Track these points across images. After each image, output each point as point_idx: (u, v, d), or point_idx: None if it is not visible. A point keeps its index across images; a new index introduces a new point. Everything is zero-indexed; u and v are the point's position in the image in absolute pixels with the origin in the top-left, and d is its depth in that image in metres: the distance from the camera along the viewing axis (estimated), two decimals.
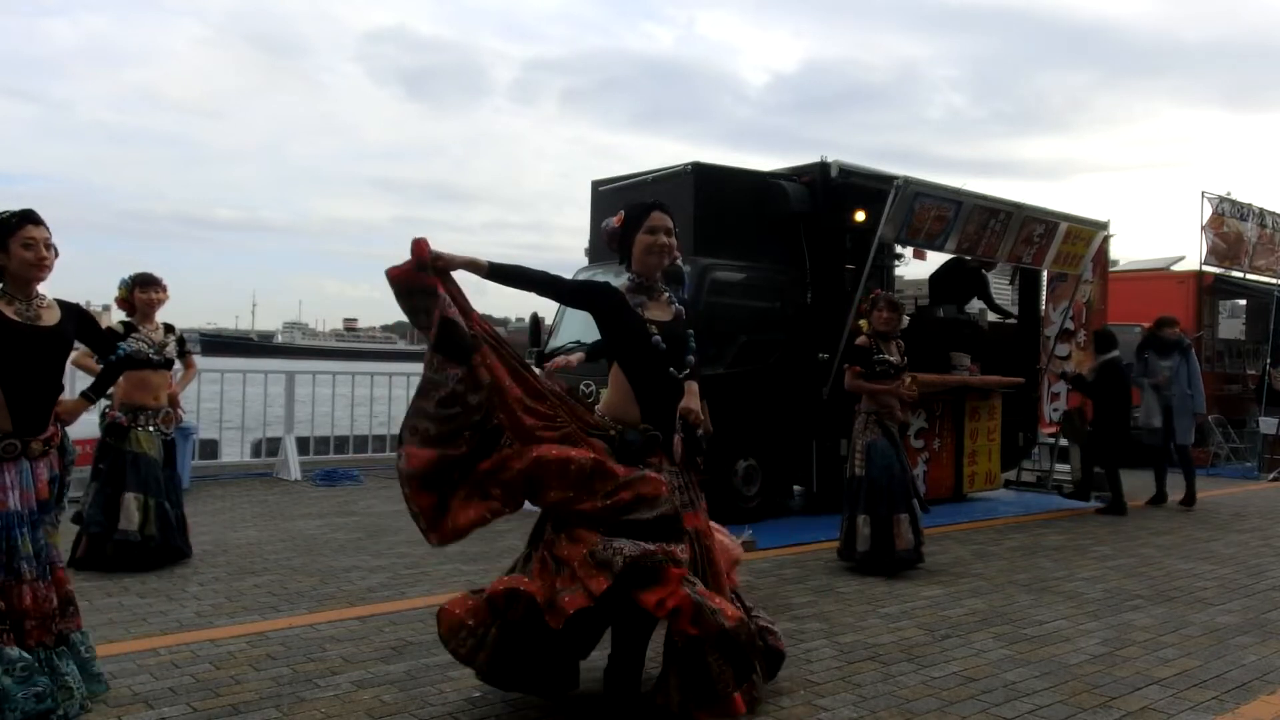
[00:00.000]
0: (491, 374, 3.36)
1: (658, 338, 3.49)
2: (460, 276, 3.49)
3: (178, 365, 6.48)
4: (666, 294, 3.66)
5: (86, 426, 6.89)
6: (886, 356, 6.27)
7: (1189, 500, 9.40)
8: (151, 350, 5.94)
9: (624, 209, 3.66)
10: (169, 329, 6.19)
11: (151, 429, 5.97)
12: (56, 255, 3.53)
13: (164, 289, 6.13)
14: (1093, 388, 9.38)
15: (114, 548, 5.68)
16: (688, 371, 3.64)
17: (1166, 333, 9.73)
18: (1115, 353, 9.40)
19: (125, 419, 5.90)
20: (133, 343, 5.77)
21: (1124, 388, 9.38)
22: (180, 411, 6.40)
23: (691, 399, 3.70)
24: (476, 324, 3.45)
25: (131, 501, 5.74)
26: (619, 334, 3.54)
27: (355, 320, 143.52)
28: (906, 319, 6.58)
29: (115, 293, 6.10)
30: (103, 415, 6.05)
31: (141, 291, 6.01)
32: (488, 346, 3.41)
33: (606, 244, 3.71)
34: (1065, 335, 10.65)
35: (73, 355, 4.27)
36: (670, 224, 3.60)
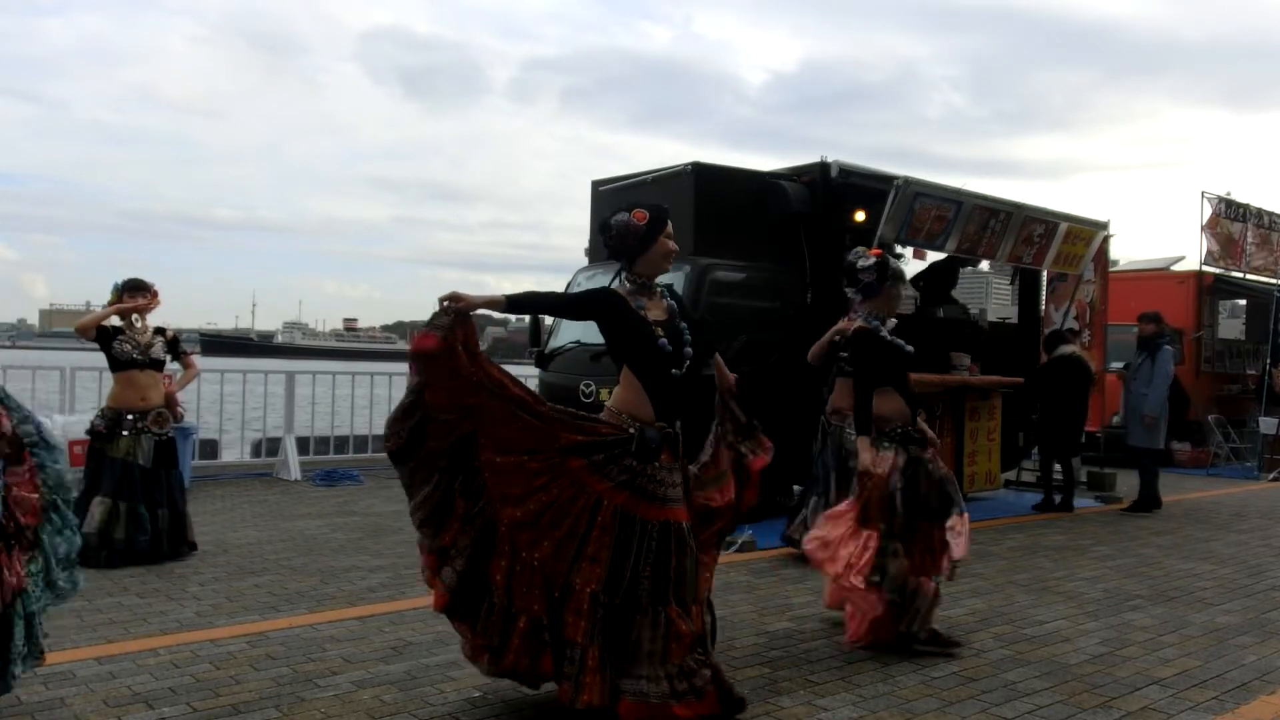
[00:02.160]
0: (477, 423, 3.42)
1: (663, 340, 3.51)
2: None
3: (178, 366, 6.50)
4: (659, 291, 3.69)
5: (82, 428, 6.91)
6: None
7: (1141, 505, 9.17)
8: (135, 351, 5.99)
9: (646, 209, 3.59)
10: (159, 331, 6.24)
11: (140, 428, 5.98)
12: None
13: (153, 295, 6.17)
14: (1036, 384, 9.44)
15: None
16: (688, 366, 3.64)
17: (1140, 328, 9.58)
18: (1065, 349, 9.32)
19: (102, 425, 5.95)
20: (119, 344, 5.88)
21: (1074, 385, 9.25)
22: (180, 410, 6.41)
23: (722, 375, 3.92)
24: (481, 368, 3.42)
25: (97, 506, 5.76)
26: (625, 338, 3.56)
27: (355, 320, 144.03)
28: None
29: (109, 296, 6.17)
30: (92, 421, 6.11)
31: (129, 298, 6.08)
32: (485, 394, 3.40)
33: (619, 238, 3.57)
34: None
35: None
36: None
